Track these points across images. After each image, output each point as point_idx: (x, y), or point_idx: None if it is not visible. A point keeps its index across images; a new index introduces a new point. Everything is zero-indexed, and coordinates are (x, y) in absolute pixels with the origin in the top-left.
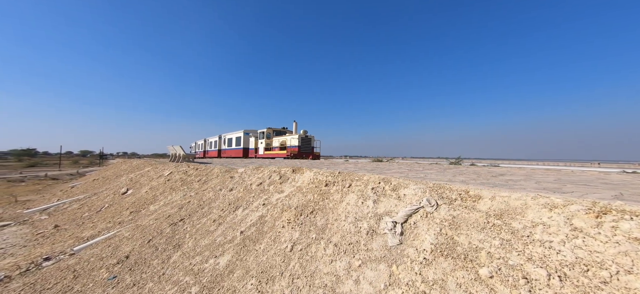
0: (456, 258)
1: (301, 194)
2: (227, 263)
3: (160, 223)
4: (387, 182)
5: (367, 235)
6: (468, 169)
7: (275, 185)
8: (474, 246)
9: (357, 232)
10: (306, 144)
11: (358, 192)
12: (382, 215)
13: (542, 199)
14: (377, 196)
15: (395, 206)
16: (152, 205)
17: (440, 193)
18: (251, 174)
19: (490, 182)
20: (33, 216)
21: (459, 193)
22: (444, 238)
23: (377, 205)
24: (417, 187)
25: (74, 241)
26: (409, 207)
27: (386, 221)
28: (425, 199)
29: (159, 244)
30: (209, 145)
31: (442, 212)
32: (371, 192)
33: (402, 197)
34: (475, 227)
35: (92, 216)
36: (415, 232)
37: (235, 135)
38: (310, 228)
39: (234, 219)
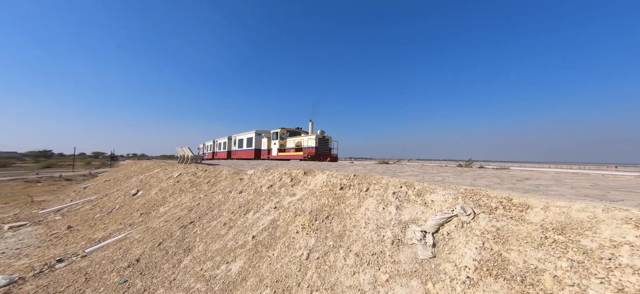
0: (510, 279)
1: (314, 197)
2: (240, 269)
3: (170, 226)
4: (409, 187)
5: (393, 245)
6: (485, 172)
7: (287, 188)
8: (531, 267)
9: (380, 241)
10: (323, 145)
11: (377, 197)
12: (407, 223)
13: (618, 212)
14: (399, 202)
15: (422, 214)
16: (161, 207)
17: (476, 200)
18: (261, 176)
19: (518, 187)
20: (47, 216)
21: (499, 201)
22: (490, 253)
23: (400, 211)
24: (447, 192)
25: (86, 242)
26: (440, 215)
27: (413, 230)
28: (459, 206)
29: (170, 248)
30: (218, 146)
31: (482, 223)
32: (392, 197)
33: (430, 204)
34: (529, 242)
35: (104, 217)
36: (451, 244)
37: (246, 136)
38: (326, 234)
39: (244, 222)
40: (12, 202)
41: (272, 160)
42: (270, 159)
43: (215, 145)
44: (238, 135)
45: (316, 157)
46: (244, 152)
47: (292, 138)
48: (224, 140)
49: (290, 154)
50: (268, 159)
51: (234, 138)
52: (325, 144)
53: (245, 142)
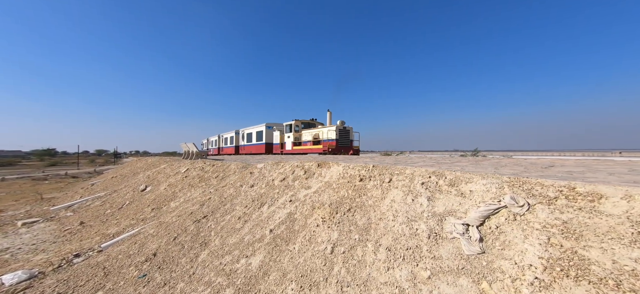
0: (598, 283)
1: (331, 190)
2: (260, 263)
3: (183, 220)
4: (440, 176)
5: (430, 239)
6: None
7: (301, 181)
8: (627, 268)
9: (413, 235)
10: (344, 136)
11: (403, 188)
12: (443, 215)
13: None
14: (430, 193)
15: (460, 205)
16: (172, 202)
17: (527, 189)
18: (271, 169)
19: (551, 174)
20: (59, 212)
21: (558, 190)
22: (560, 251)
23: (433, 203)
24: (488, 182)
25: (101, 237)
26: (484, 207)
27: (452, 223)
28: (509, 197)
29: (185, 242)
30: (224, 141)
31: (541, 215)
32: (421, 188)
33: (467, 195)
34: (616, 239)
35: (115, 212)
36: (503, 239)
37: (255, 129)
38: (350, 227)
39: (260, 216)
40: (22, 200)
41: (286, 154)
42: (284, 153)
43: (221, 140)
44: (246, 129)
45: (337, 151)
46: (254, 146)
47: (307, 130)
48: (231, 134)
49: (307, 147)
50: (281, 153)
51: (242, 132)
52: (346, 136)
53: (255, 136)
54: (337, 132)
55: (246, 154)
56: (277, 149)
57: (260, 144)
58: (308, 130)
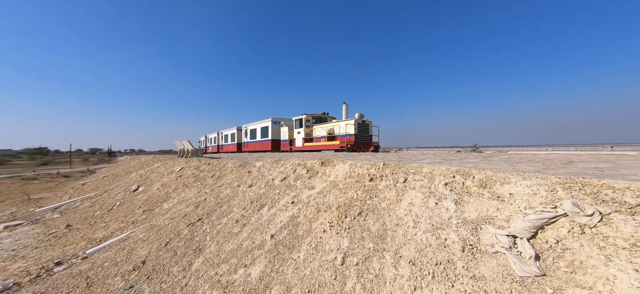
0: None
1: (338, 191)
2: (261, 274)
3: (176, 223)
4: (466, 176)
5: (465, 253)
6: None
7: (303, 180)
8: None
9: (442, 246)
10: (364, 131)
11: (422, 190)
12: (477, 223)
13: None
14: (457, 195)
15: (498, 211)
16: (165, 203)
17: (592, 193)
18: (271, 168)
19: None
20: (45, 214)
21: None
22: None
23: (462, 208)
24: (533, 183)
25: (87, 242)
26: (535, 214)
27: (492, 233)
28: (570, 202)
29: (178, 248)
30: (225, 138)
31: (625, 229)
32: (445, 189)
33: (506, 199)
34: None
35: (104, 214)
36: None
37: (260, 125)
38: (362, 234)
39: (259, 219)
40: (9, 201)
41: (297, 151)
42: (294, 150)
43: (221, 137)
44: (250, 125)
45: (356, 147)
46: (259, 143)
47: (320, 125)
48: (232, 131)
49: (322, 143)
50: (290, 150)
51: (246, 128)
52: (365, 131)
53: (260, 132)
54: (355, 127)
55: (249, 152)
56: (285, 146)
57: (266, 141)
58: (320, 125)
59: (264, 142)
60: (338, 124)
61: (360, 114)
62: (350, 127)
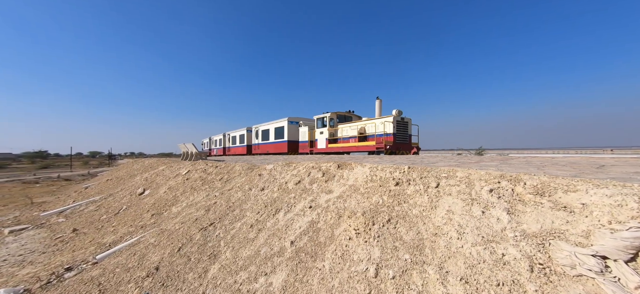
0: None
1: (359, 195)
2: (284, 284)
3: (188, 228)
4: (515, 182)
5: (534, 273)
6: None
7: (319, 183)
8: None
9: (499, 262)
10: (403, 130)
11: (461, 196)
12: (543, 237)
13: None
14: (508, 203)
15: (568, 224)
16: (174, 206)
17: None
18: (283, 171)
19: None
20: (50, 218)
21: None
22: None
23: (517, 218)
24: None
25: (96, 247)
26: (632, 233)
27: (570, 252)
28: None
29: (191, 254)
30: (232, 140)
31: None
32: (491, 196)
33: (577, 209)
34: None
35: (111, 218)
36: None
37: (274, 125)
38: (395, 243)
39: (275, 224)
40: (11, 205)
41: (320, 154)
42: (316, 152)
43: (228, 139)
44: (261, 125)
45: (395, 148)
46: (272, 145)
47: (346, 124)
48: (241, 132)
49: (350, 145)
50: (311, 153)
51: (257, 129)
52: (405, 130)
53: (274, 133)
54: (394, 125)
55: (263, 154)
56: (305, 148)
57: (282, 143)
58: (347, 124)
59: (278, 144)
60: (372, 122)
61: (399, 110)
62: (388, 125)
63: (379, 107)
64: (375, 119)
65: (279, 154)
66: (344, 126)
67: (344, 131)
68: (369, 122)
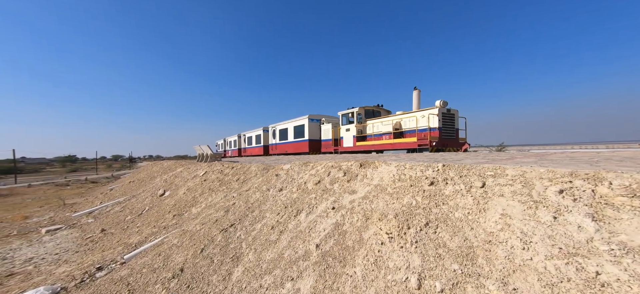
0: None
1: (388, 196)
2: (312, 290)
3: (209, 229)
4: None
5: None
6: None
7: (341, 183)
8: None
9: (595, 284)
10: (449, 124)
11: (518, 197)
12: None
13: None
14: (590, 208)
15: None
16: (193, 207)
17: None
18: (300, 170)
19: None
20: (80, 219)
21: None
22: None
23: (608, 226)
24: None
25: (123, 247)
26: None
27: None
28: None
29: (214, 255)
30: (248, 141)
31: None
32: (562, 198)
33: None
34: None
35: (135, 219)
36: None
37: (293, 124)
38: (438, 251)
39: (297, 226)
40: (46, 206)
41: (346, 153)
42: (342, 151)
43: (243, 140)
44: (279, 124)
45: (441, 145)
46: (291, 145)
47: (375, 120)
48: (258, 132)
49: (385, 142)
50: (335, 152)
51: (274, 129)
52: (451, 123)
53: (293, 132)
54: (440, 118)
55: (281, 155)
56: (328, 147)
57: (302, 142)
58: (377, 119)
59: (298, 143)
60: (412, 116)
61: (444, 101)
62: (432, 118)
63: (418, 98)
64: (415, 112)
65: (299, 154)
66: (374, 122)
67: (375, 127)
68: (406, 116)
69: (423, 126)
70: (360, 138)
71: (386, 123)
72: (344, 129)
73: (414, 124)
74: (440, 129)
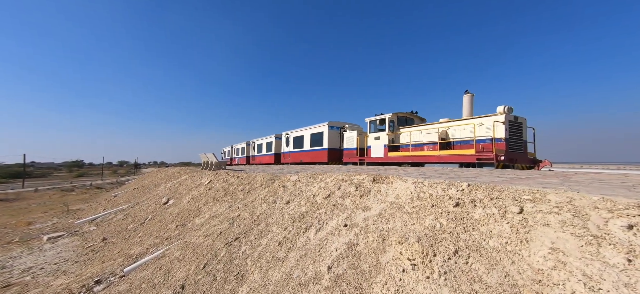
0: None
1: (406, 215)
2: None
3: (212, 242)
4: None
5: None
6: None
7: (353, 199)
8: None
9: None
10: (516, 134)
11: (568, 229)
12: None
13: None
14: None
15: None
16: (197, 218)
17: None
18: (309, 183)
19: None
20: (83, 226)
21: None
22: None
23: None
24: None
25: (123, 259)
26: None
27: None
28: None
29: (217, 272)
30: (258, 149)
31: None
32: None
33: None
34: None
35: (137, 228)
36: None
37: (309, 131)
38: (473, 286)
39: (306, 243)
40: (51, 212)
41: (374, 164)
42: (370, 163)
43: (253, 147)
44: (293, 132)
45: (508, 159)
46: (308, 153)
47: (411, 128)
48: (269, 140)
49: (428, 153)
50: (360, 163)
51: (288, 136)
52: (519, 134)
53: (309, 140)
54: (506, 127)
55: (295, 164)
56: (351, 157)
57: (320, 151)
58: (415, 127)
59: (316, 152)
60: (466, 123)
61: (509, 107)
62: (498, 127)
63: (470, 103)
64: (472, 119)
65: (316, 163)
66: (411, 130)
67: (414, 135)
68: (458, 123)
69: (483, 136)
70: (392, 148)
71: (428, 131)
72: (372, 138)
73: (468, 133)
74: (506, 141)
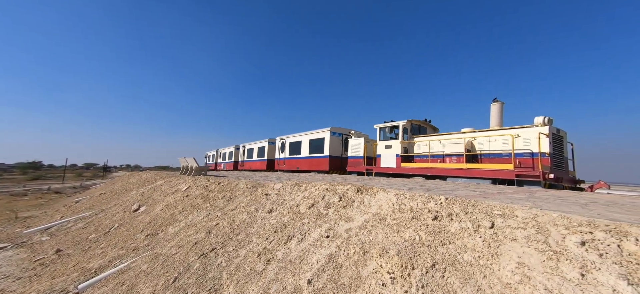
0: None
1: (387, 227)
2: None
3: (185, 253)
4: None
5: None
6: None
7: (336, 209)
8: None
9: None
10: (558, 149)
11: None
12: None
13: None
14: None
15: None
16: (171, 227)
17: None
18: (292, 191)
19: None
20: (33, 236)
21: None
22: None
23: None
24: None
25: (79, 273)
26: None
27: None
28: None
29: (188, 286)
30: (247, 153)
31: None
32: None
33: None
34: None
35: (100, 238)
36: None
37: (308, 137)
38: None
39: (287, 255)
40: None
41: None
42: (379, 173)
43: (242, 152)
44: (289, 137)
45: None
46: (305, 161)
47: (433, 137)
48: (261, 145)
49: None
50: (366, 173)
51: (282, 141)
52: (561, 149)
53: (307, 146)
54: (550, 140)
55: (292, 171)
56: (357, 166)
57: (320, 158)
58: (433, 137)
59: (315, 160)
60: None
61: (550, 118)
62: (544, 141)
63: (500, 113)
64: (507, 130)
65: (314, 171)
66: (429, 139)
67: (432, 145)
68: (485, 134)
69: (523, 149)
70: (405, 158)
71: (450, 141)
72: (382, 146)
73: (500, 145)
74: (551, 156)
